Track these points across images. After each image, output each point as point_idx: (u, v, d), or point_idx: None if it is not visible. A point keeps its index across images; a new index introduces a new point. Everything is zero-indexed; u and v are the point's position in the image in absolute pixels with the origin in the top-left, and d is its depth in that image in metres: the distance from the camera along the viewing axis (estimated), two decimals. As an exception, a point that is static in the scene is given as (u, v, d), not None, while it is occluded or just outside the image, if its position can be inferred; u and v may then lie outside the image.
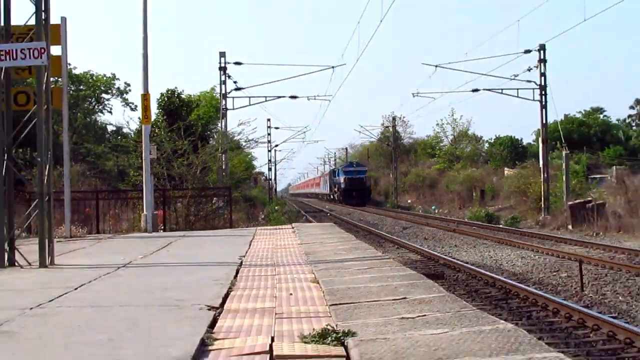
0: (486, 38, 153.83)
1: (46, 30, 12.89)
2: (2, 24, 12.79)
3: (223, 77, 44.78)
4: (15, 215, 13.76)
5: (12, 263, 12.60)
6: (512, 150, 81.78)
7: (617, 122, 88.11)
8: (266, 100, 48.16)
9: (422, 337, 5.90)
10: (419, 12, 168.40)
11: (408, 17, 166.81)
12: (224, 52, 44.62)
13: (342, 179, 75.35)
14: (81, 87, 51.20)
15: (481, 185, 64.36)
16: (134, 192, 29.57)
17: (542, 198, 44.83)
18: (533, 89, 45.51)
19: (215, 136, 45.03)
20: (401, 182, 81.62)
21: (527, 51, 44.82)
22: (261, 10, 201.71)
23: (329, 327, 6.46)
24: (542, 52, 44.69)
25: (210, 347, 5.97)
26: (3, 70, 12.85)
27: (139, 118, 30.84)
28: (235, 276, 10.75)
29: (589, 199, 41.11)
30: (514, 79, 45.91)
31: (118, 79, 54.58)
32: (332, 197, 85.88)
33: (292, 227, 24.54)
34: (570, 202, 40.78)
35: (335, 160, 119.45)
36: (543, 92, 45.22)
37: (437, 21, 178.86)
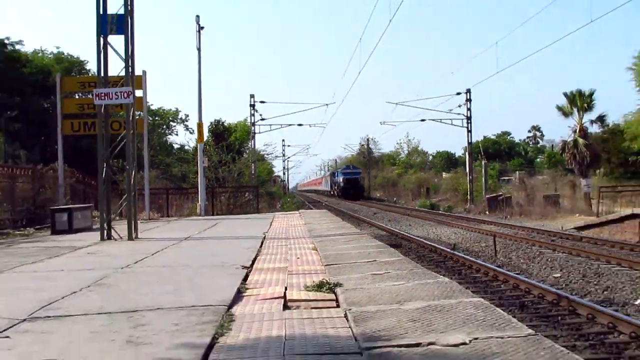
0: (431, 83, 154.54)
1: (132, 79, 12.89)
2: (102, 74, 12.80)
3: (252, 111, 45.48)
4: (112, 205, 13.76)
5: (109, 237, 12.63)
6: (447, 161, 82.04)
7: (519, 141, 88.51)
8: (281, 127, 48.90)
9: (387, 287, 5.90)
10: (385, 66, 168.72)
11: (378, 69, 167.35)
12: (253, 94, 45.52)
13: (341, 178, 69.28)
14: (156, 117, 51.08)
15: (427, 184, 64.46)
16: (192, 189, 29.59)
17: (468, 193, 45.01)
18: (462, 119, 45.85)
19: (247, 152, 45.06)
20: (373, 182, 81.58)
21: (458, 93, 45.50)
22: (279, 57, 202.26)
23: (324, 280, 6.46)
24: (468, 94, 45.16)
25: (243, 294, 5.97)
26: (103, 107, 12.87)
27: (195, 139, 30.87)
28: (261, 245, 10.76)
29: (500, 193, 41.26)
30: (449, 112, 46.27)
31: (180, 111, 54.73)
32: (332, 193, 78.15)
33: (299, 213, 24.56)
34: (487, 196, 40.92)
35: (328, 167, 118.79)
36: (469, 121, 45.56)
37: (398, 71, 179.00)
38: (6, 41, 33.69)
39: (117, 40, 12.92)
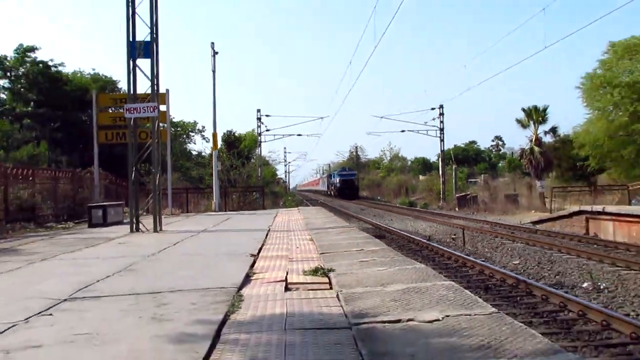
0: (410, 99, 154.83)
1: (157, 96, 12.88)
2: (132, 92, 12.78)
3: (259, 124, 45.64)
4: (140, 202, 13.73)
5: (137, 229, 12.60)
6: (424, 165, 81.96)
7: (484, 149, 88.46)
8: (283, 137, 49.08)
9: (372, 272, 5.90)
10: (372, 83, 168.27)
11: (366, 86, 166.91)
12: (260, 109, 45.74)
13: (337, 179, 63.00)
14: (178, 128, 50.86)
15: (406, 185, 64.44)
16: (208, 189, 29.43)
17: (441, 192, 45.05)
18: (436, 130, 45.83)
19: (255, 157, 45.01)
20: (360, 184, 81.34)
21: (433, 108, 45.60)
22: (280, 74, 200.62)
23: (319, 266, 6.46)
24: (441, 108, 45.27)
25: (251, 278, 5.96)
26: (132, 119, 12.86)
27: (210, 147, 30.83)
28: (266, 237, 10.75)
29: (468, 193, 41.34)
30: (425, 124, 46.34)
31: (198, 123, 54.51)
32: (329, 193, 71.48)
33: (298, 209, 24.55)
34: (457, 195, 40.98)
35: (323, 171, 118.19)
36: (441, 132, 45.61)
37: (382, 88, 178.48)
38: (50, 63, 33.63)
39: (144, 63, 12.93)
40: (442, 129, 45.47)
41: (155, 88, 12.75)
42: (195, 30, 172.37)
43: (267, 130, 46.47)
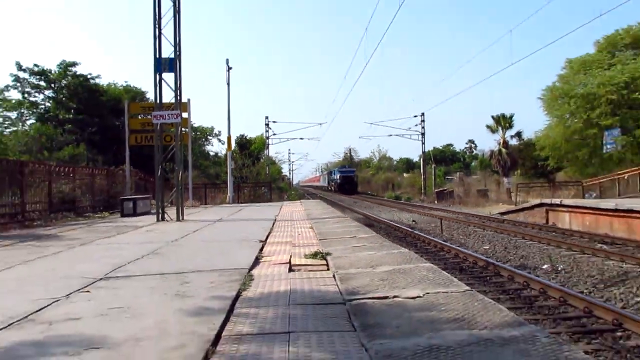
0: (395, 108, 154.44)
1: (180, 105, 12.83)
2: (158, 101, 12.73)
3: (267, 129, 45.57)
4: (165, 195, 13.68)
5: (163, 219, 12.57)
6: (407, 164, 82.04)
7: (459, 150, 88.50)
8: (288, 140, 49.24)
9: (363, 255, 5.90)
10: (364, 94, 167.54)
11: (359, 97, 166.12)
12: (268, 116, 45.63)
13: (338, 176, 59.01)
14: (197, 132, 50.67)
15: (393, 181, 64.41)
16: (223, 184, 29.34)
17: (422, 187, 45.04)
18: (418, 134, 45.82)
19: (263, 158, 44.93)
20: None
21: (415, 116, 45.56)
22: (284, 82, 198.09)
23: (318, 250, 6.45)
24: (423, 116, 45.21)
25: (260, 260, 5.95)
26: (159, 125, 12.81)
27: (225, 148, 30.69)
28: (272, 225, 10.73)
29: (445, 188, 41.34)
30: (408, 130, 46.36)
31: (214, 128, 54.24)
32: (329, 188, 66.92)
33: (301, 202, 24.53)
34: (436, 190, 41.00)
35: (321, 169, 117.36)
36: (423, 136, 45.60)
37: (374, 97, 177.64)
38: (88, 76, 33.55)
39: (169, 76, 12.88)
40: (423, 134, 45.52)
41: (179, 98, 12.71)
42: (209, 42, 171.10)
43: (274, 134, 46.61)
